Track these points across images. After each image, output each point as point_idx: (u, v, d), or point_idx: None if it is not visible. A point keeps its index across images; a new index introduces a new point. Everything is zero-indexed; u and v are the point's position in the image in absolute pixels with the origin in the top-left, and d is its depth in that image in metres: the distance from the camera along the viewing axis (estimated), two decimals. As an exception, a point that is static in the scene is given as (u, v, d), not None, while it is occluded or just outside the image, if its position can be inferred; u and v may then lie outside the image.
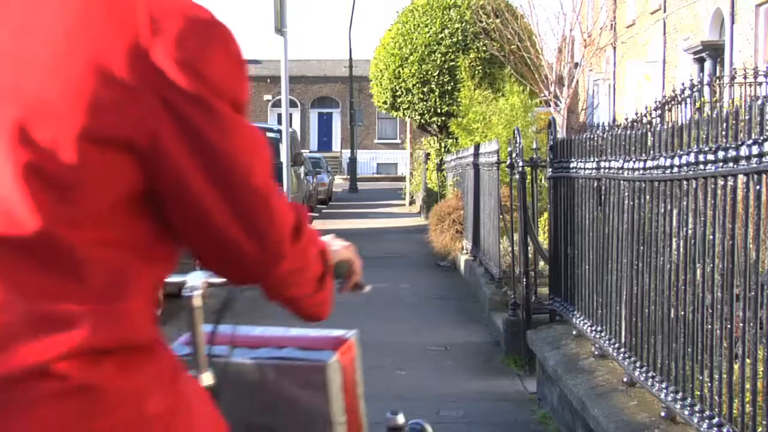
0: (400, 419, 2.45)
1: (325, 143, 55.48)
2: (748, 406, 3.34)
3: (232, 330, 2.11)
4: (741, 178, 3.42)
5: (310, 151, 45.33)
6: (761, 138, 3.22)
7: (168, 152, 1.41)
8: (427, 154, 24.17)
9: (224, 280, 1.88)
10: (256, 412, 2.17)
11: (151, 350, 1.50)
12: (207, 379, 1.95)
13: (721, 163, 3.55)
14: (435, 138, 23.62)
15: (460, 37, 21.54)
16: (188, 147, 1.41)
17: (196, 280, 1.99)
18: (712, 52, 18.87)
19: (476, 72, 20.34)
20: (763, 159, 3.21)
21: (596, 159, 5.45)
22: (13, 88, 1.39)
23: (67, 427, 1.38)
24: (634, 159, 4.67)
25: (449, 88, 21.43)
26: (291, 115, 20.91)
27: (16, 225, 1.38)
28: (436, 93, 21.73)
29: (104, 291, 1.42)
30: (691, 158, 3.87)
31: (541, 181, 8.54)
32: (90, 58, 1.37)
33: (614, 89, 27.33)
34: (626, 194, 4.84)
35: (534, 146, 7.94)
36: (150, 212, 1.46)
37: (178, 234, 1.49)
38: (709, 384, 3.70)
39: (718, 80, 13.58)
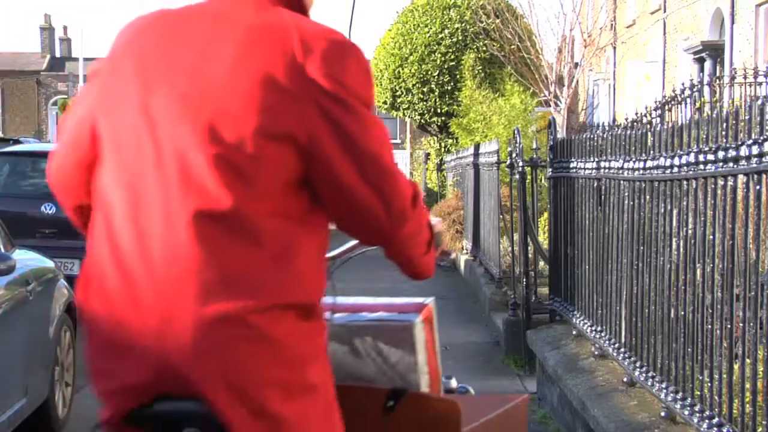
0: (453, 383, 2.90)
1: (325, 143, 55.38)
2: (748, 406, 3.34)
3: (332, 300, 2.50)
4: (741, 178, 3.42)
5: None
6: (761, 138, 3.22)
7: (321, 145, 1.85)
8: (427, 154, 24.16)
9: (331, 254, 2.41)
10: (355, 364, 2.57)
11: (319, 318, 1.91)
12: None
13: (721, 163, 3.55)
14: (435, 138, 23.62)
15: (460, 37, 21.52)
16: (337, 140, 1.86)
17: None
18: (712, 52, 18.85)
19: (477, 72, 20.32)
20: (763, 159, 3.21)
21: (596, 159, 5.45)
22: (202, 98, 1.85)
23: (248, 369, 1.78)
24: (634, 159, 4.67)
25: (449, 88, 21.41)
26: (291, 115, 20.91)
27: (212, 202, 1.81)
28: (436, 93, 21.72)
29: (278, 254, 1.83)
30: (691, 158, 3.87)
31: (541, 181, 8.54)
32: (259, 73, 1.82)
33: (614, 89, 27.30)
34: (626, 194, 4.84)
35: (534, 146, 7.93)
36: (306, 190, 1.88)
37: (326, 207, 1.92)
38: (709, 384, 3.70)
39: (718, 80, 13.57)
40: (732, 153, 3.44)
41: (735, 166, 3.43)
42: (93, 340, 1.91)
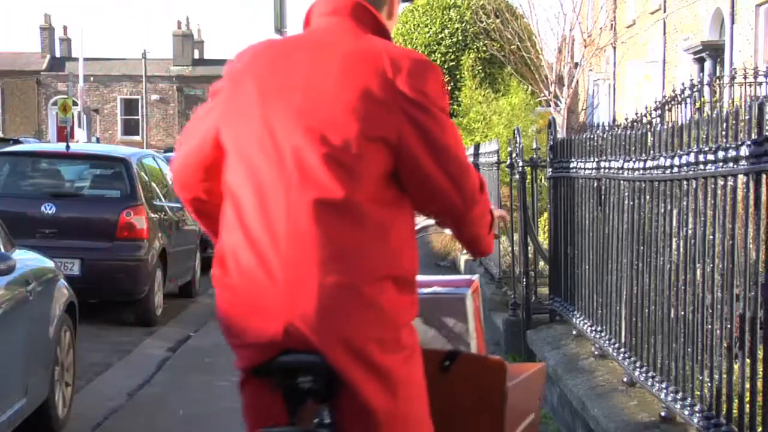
0: None
1: (325, 143, 55.32)
2: (748, 406, 3.34)
3: None
4: (741, 178, 3.42)
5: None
6: (761, 138, 3.22)
7: (408, 144, 2.32)
8: (427, 154, 24.09)
9: None
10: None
11: (413, 293, 2.38)
12: None
13: (721, 163, 3.55)
14: (435, 138, 23.55)
15: (460, 37, 21.52)
16: (421, 139, 2.33)
17: None
18: (712, 52, 18.83)
19: (477, 72, 20.31)
20: (763, 159, 3.21)
21: (596, 159, 5.45)
22: (313, 110, 2.32)
23: (358, 329, 2.25)
24: (634, 159, 4.67)
25: (449, 88, 21.38)
26: (291, 115, 20.95)
27: (326, 192, 2.27)
28: (436, 93, 21.63)
29: (379, 234, 2.29)
30: (691, 158, 3.87)
31: (541, 181, 8.53)
32: (358, 88, 2.30)
33: (614, 89, 27.28)
34: (626, 194, 4.84)
35: (534, 146, 7.92)
36: (394, 180, 2.35)
37: (410, 194, 2.38)
38: (709, 384, 3.70)
39: (718, 80, 13.55)
40: (732, 153, 3.44)
41: (735, 166, 3.43)
42: (228, 306, 2.37)
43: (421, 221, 2.92)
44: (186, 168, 2.53)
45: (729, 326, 3.55)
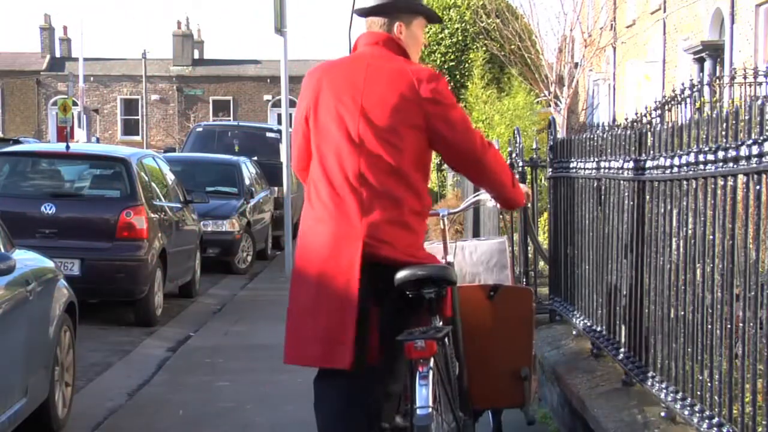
0: None
1: (325, 143, 55.18)
2: (748, 406, 3.34)
3: (454, 242, 5.06)
4: (741, 178, 3.42)
5: (310, 151, 45.05)
6: (761, 138, 3.22)
7: (434, 126, 3.80)
8: (427, 154, 24.03)
9: (453, 211, 5.12)
10: (473, 270, 5.04)
11: (427, 215, 3.91)
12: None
13: (721, 163, 3.55)
14: (435, 138, 23.48)
15: (460, 37, 21.51)
16: (440, 121, 3.80)
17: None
18: (712, 52, 18.80)
19: (485, 72, 20.28)
20: (763, 159, 3.21)
21: (596, 159, 5.45)
22: (369, 107, 3.77)
23: (400, 238, 3.77)
24: (634, 159, 4.67)
25: (450, 87, 21.35)
26: (291, 115, 20.95)
27: (382, 161, 3.73)
28: (436, 93, 21.57)
29: (417, 187, 3.80)
30: (691, 158, 3.87)
31: (541, 181, 8.52)
32: (398, 93, 3.77)
33: (614, 89, 27.26)
34: (626, 194, 4.84)
35: (534, 146, 7.92)
36: (428, 150, 3.87)
37: (442, 155, 3.99)
38: (709, 384, 3.70)
39: (718, 80, 13.54)
40: (732, 153, 3.44)
41: (735, 166, 3.43)
42: (317, 231, 3.78)
43: (469, 199, 4.19)
44: (299, 154, 3.98)
45: (729, 326, 3.55)
